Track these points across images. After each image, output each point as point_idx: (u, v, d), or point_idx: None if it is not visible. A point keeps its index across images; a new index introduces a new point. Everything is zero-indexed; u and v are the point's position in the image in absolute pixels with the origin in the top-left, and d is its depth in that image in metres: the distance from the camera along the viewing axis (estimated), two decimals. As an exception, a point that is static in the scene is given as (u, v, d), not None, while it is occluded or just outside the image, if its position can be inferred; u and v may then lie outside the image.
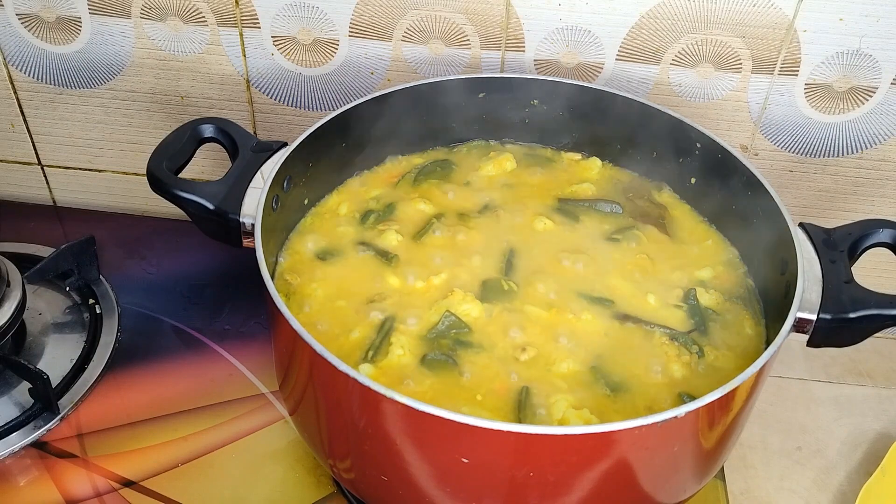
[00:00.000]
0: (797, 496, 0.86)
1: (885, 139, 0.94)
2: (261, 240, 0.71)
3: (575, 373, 0.71)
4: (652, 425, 0.59)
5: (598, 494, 0.64)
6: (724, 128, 0.96)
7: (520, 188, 0.89)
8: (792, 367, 0.99)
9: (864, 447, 0.90)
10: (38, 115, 1.09)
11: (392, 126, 0.89)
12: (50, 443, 0.86)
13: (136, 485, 0.82)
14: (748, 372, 0.63)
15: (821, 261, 0.72)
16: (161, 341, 0.96)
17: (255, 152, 0.80)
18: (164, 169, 0.78)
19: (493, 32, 0.94)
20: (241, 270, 1.03)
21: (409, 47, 0.96)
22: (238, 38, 0.98)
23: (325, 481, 0.84)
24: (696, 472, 0.71)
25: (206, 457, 0.85)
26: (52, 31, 1.00)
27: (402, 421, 0.62)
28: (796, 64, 0.90)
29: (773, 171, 0.98)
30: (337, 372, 0.61)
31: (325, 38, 0.96)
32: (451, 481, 0.65)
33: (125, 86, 1.04)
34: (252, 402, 0.90)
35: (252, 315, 0.99)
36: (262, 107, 1.03)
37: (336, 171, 0.88)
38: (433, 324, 0.74)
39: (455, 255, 0.81)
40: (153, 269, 1.05)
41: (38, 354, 0.93)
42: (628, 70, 0.94)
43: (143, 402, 0.89)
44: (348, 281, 0.79)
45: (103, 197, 1.16)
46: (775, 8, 0.87)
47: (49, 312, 0.98)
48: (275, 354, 0.76)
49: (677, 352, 0.73)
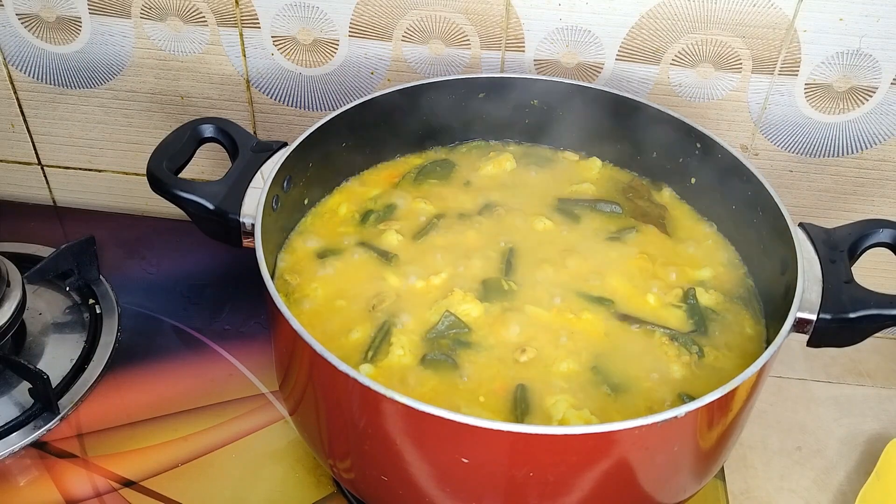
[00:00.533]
0: (797, 496, 0.86)
1: (885, 139, 0.94)
2: (261, 240, 0.71)
3: (575, 373, 0.71)
4: (652, 425, 0.59)
5: (598, 494, 0.64)
6: (724, 128, 0.96)
7: (520, 188, 0.89)
8: (792, 367, 0.99)
9: (864, 447, 0.90)
10: (38, 115, 1.09)
11: (392, 126, 0.89)
12: (50, 443, 0.86)
13: (136, 485, 0.82)
14: (748, 372, 0.63)
15: (821, 261, 0.72)
16: (161, 341, 0.96)
17: (255, 152, 0.80)
18: (164, 169, 0.78)
19: (493, 32, 0.94)
20: (241, 270, 1.03)
21: (409, 47, 0.96)
22: (238, 38, 0.98)
23: (325, 481, 0.84)
24: (696, 472, 0.71)
25: (206, 457, 0.85)
26: (52, 31, 1.00)
27: (402, 421, 0.62)
28: (796, 64, 0.90)
29: (773, 171, 0.98)
30: (337, 372, 0.61)
31: (325, 38, 0.96)
32: (451, 481, 0.65)
33: (125, 86, 1.04)
34: (252, 402, 0.90)
35: (252, 315, 0.99)
36: (262, 107, 1.03)
37: (336, 171, 0.88)
38: (433, 324, 0.74)
39: (455, 255, 0.81)
40: (153, 269, 1.05)
41: (38, 354, 0.93)
42: (628, 70, 0.94)
43: (143, 402, 0.89)
44: (348, 281, 0.79)
45: (103, 197, 1.16)
46: (775, 8, 0.87)
47: (49, 312, 0.98)
48: (275, 354, 0.76)
49: (677, 352, 0.73)
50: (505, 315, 0.75)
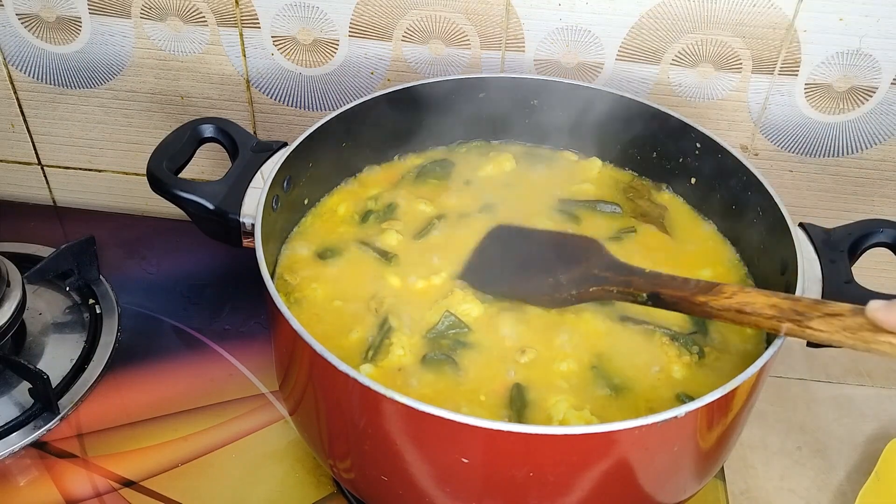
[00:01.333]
0: (797, 496, 0.86)
1: (885, 139, 0.94)
2: (261, 240, 0.71)
3: (575, 373, 0.71)
4: (652, 425, 0.59)
5: (598, 494, 0.64)
6: (724, 128, 0.96)
7: (520, 188, 0.89)
8: (792, 367, 0.98)
9: (864, 447, 0.90)
10: (38, 115, 1.09)
11: (392, 126, 0.89)
12: (50, 443, 0.86)
13: (136, 485, 0.82)
14: (748, 372, 0.63)
15: (821, 261, 0.72)
16: (161, 341, 0.96)
17: (255, 152, 0.80)
18: (164, 169, 0.78)
19: (493, 32, 0.94)
20: (241, 270, 1.03)
21: (409, 47, 0.96)
22: (238, 38, 0.98)
23: (325, 481, 0.84)
24: (696, 472, 0.71)
25: (206, 457, 0.85)
26: (52, 31, 1.00)
27: (402, 421, 0.62)
28: (796, 64, 0.90)
29: (773, 171, 0.98)
30: (337, 372, 0.61)
31: (325, 38, 0.96)
32: (451, 481, 0.65)
33: (125, 86, 1.04)
34: (252, 402, 0.90)
35: (252, 315, 0.99)
36: (262, 107, 1.03)
37: (336, 171, 0.88)
38: (433, 324, 0.74)
39: (455, 255, 0.80)
40: (153, 269, 1.05)
41: (38, 354, 0.93)
42: (628, 70, 0.94)
43: (143, 402, 0.89)
44: (348, 281, 0.79)
45: (103, 197, 1.16)
46: (775, 8, 0.87)
47: (49, 312, 0.98)
48: (275, 354, 0.76)
49: (678, 352, 0.73)
50: (505, 315, 0.75)
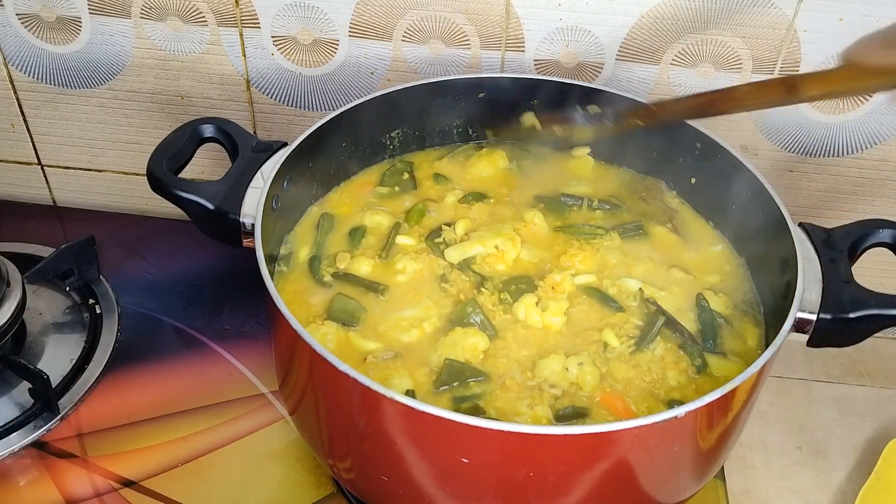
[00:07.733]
0: (797, 496, 0.86)
1: (885, 139, 0.94)
2: (261, 240, 0.71)
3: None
4: (652, 425, 0.59)
5: (598, 494, 0.64)
6: (724, 128, 0.96)
7: (517, 187, 0.89)
8: (792, 367, 0.99)
9: (864, 447, 0.90)
10: (38, 115, 1.09)
11: (392, 126, 0.89)
12: (50, 443, 0.86)
13: (136, 485, 0.82)
14: (748, 372, 0.63)
15: (821, 261, 0.72)
16: (161, 341, 0.96)
17: (255, 152, 0.80)
18: (164, 169, 0.78)
19: (493, 32, 0.94)
20: (241, 270, 1.02)
21: (409, 47, 0.96)
22: (238, 38, 0.98)
23: (325, 481, 0.84)
24: (696, 472, 0.71)
25: (206, 457, 0.85)
26: (52, 31, 1.00)
27: (402, 421, 0.62)
28: (796, 64, 0.90)
29: (773, 171, 0.98)
30: (337, 372, 0.61)
31: (325, 38, 0.96)
32: (451, 481, 0.65)
33: (125, 86, 1.04)
34: (252, 402, 0.90)
35: (252, 315, 0.99)
36: (262, 107, 1.03)
37: (336, 170, 0.88)
38: (439, 368, 0.71)
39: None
40: (153, 269, 1.05)
41: (38, 354, 0.93)
42: (628, 70, 0.94)
43: (143, 402, 0.89)
44: None
45: (103, 197, 1.16)
46: (775, 8, 0.87)
47: (49, 312, 0.98)
48: (275, 354, 0.76)
49: (675, 359, 0.73)
50: (514, 331, 0.74)
